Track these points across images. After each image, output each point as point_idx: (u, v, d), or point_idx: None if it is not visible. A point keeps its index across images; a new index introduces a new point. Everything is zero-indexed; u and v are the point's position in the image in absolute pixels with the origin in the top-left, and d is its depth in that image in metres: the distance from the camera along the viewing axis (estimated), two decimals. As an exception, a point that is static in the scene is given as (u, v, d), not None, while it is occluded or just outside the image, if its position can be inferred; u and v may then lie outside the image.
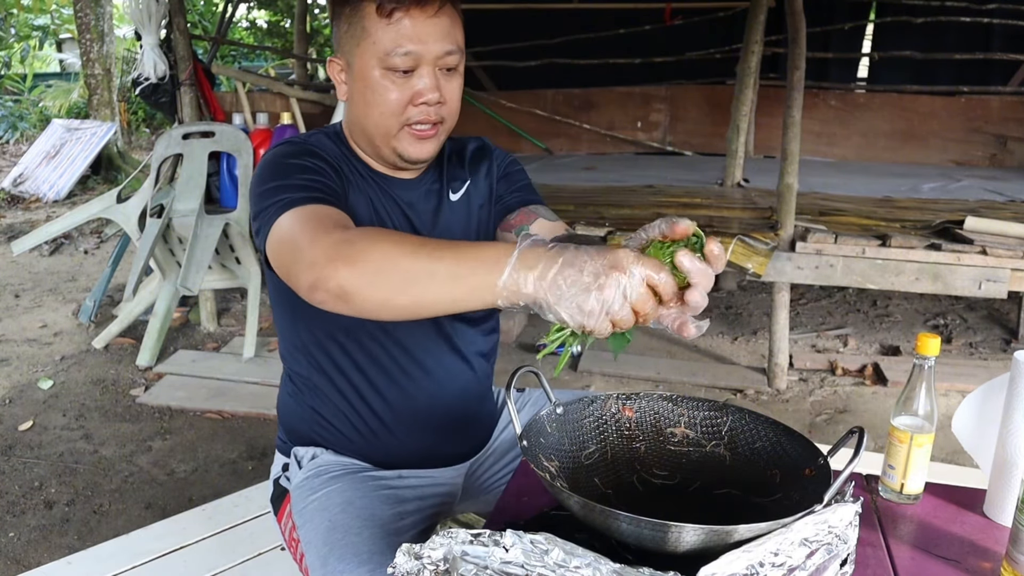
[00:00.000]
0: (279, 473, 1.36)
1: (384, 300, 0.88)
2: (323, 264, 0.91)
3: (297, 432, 1.34)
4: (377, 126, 1.14)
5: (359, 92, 1.14)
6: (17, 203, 6.75)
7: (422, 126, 1.14)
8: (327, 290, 0.90)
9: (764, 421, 1.04)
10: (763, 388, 3.26)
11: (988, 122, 5.44)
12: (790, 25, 3.32)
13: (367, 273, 0.88)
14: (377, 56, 1.09)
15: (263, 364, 3.44)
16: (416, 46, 1.09)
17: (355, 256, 0.90)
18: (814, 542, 0.81)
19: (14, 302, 4.34)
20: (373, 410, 1.28)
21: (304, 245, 0.96)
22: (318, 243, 0.95)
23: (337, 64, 1.17)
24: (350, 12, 1.11)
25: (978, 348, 3.72)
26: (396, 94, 1.11)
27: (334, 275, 0.89)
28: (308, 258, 0.94)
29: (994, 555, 1.00)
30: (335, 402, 1.29)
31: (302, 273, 0.94)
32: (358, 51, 1.11)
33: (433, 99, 1.12)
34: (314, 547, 1.18)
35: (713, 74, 5.77)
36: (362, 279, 0.88)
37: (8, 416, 3.01)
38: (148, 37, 3.64)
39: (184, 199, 3.45)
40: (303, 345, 1.28)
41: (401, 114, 1.13)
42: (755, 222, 3.36)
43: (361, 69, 1.11)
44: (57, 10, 10.89)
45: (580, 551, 0.76)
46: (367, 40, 1.09)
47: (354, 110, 1.17)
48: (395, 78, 1.10)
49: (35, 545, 2.25)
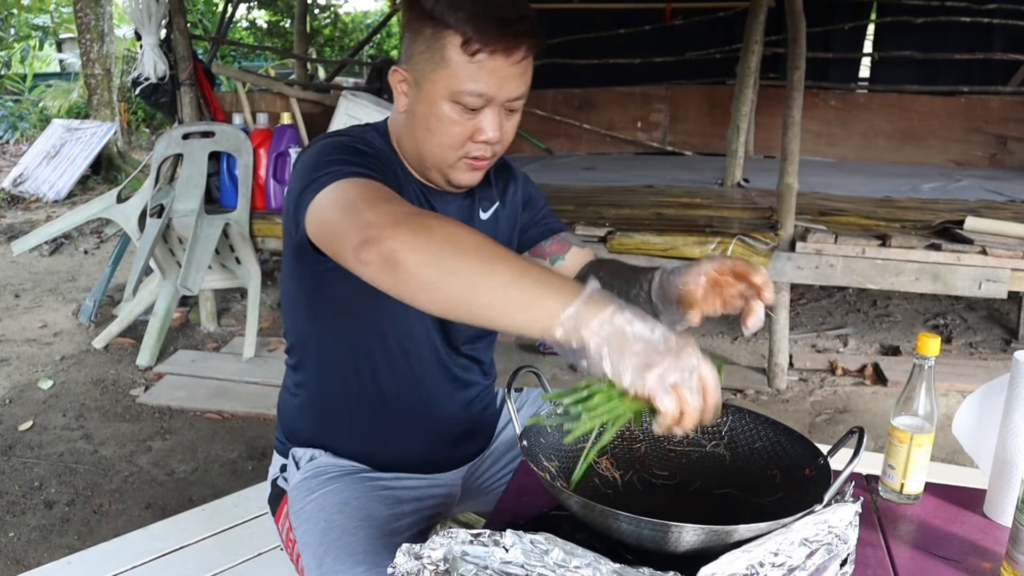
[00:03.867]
0: (277, 474, 1.36)
1: (432, 282, 0.83)
2: (382, 225, 0.86)
3: (297, 432, 1.34)
4: (433, 154, 1.12)
5: (422, 115, 1.10)
6: (17, 203, 6.75)
7: (477, 162, 1.14)
8: (379, 251, 0.84)
9: (764, 421, 1.04)
10: (763, 388, 3.26)
11: (988, 122, 5.43)
12: (790, 25, 3.31)
13: (428, 248, 0.83)
14: (451, 89, 1.06)
15: (263, 364, 3.44)
16: (491, 89, 1.06)
17: (420, 226, 0.86)
18: (814, 542, 0.81)
19: (14, 302, 4.34)
20: (379, 414, 1.27)
21: (362, 207, 0.91)
22: (380, 207, 0.90)
23: (401, 75, 1.12)
24: (432, 34, 1.05)
25: (978, 348, 3.72)
26: (459, 129, 1.09)
27: (392, 237, 0.84)
28: (366, 218, 0.89)
29: (994, 555, 1.00)
30: (341, 403, 1.28)
31: (353, 231, 0.88)
32: (432, 76, 1.07)
33: (494, 139, 1.10)
34: (310, 548, 1.18)
35: (713, 74, 5.77)
36: (420, 252, 0.83)
37: (8, 416, 3.01)
38: (148, 37, 3.64)
39: (184, 199, 3.45)
40: (316, 344, 1.26)
41: (460, 147, 1.11)
42: (755, 222, 3.36)
43: (430, 94, 1.08)
44: (57, 10, 10.89)
45: (580, 551, 0.76)
46: (444, 70, 1.05)
47: (412, 129, 1.13)
48: (461, 113, 1.08)
49: (35, 545, 2.25)
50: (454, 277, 0.82)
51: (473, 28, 1.02)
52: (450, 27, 1.03)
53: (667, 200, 3.86)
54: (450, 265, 0.82)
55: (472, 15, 1.02)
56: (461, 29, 1.02)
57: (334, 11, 10.37)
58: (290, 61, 8.68)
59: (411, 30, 1.09)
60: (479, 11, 1.02)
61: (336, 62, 7.84)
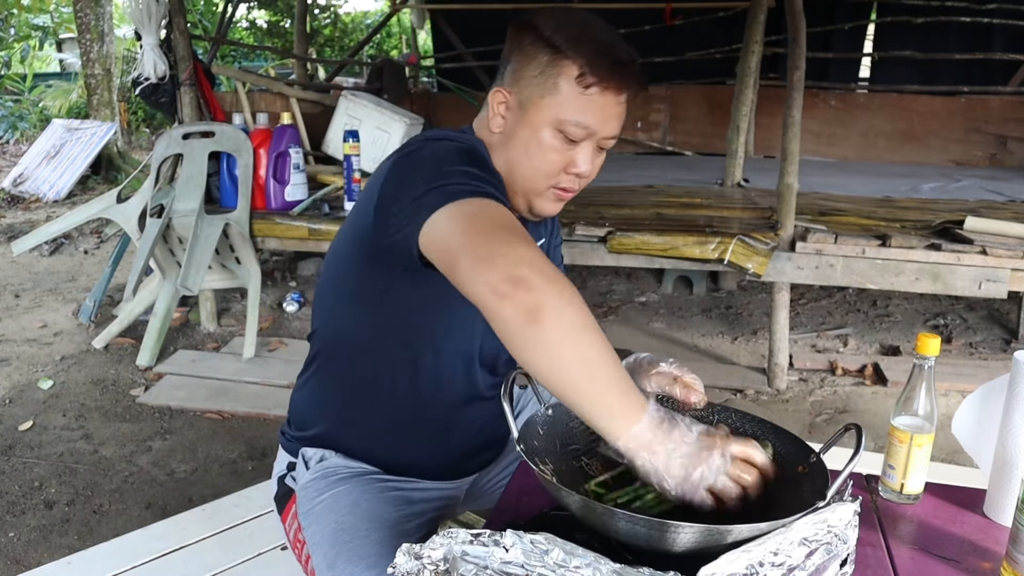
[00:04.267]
0: (283, 471, 1.35)
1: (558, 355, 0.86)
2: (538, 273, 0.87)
3: (309, 424, 1.32)
4: (526, 178, 1.13)
5: (522, 138, 1.11)
6: (17, 203, 6.75)
7: (564, 193, 1.16)
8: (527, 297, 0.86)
9: (752, 420, 1.04)
10: (763, 388, 3.26)
11: (988, 122, 5.44)
12: (790, 25, 3.31)
13: (572, 323, 0.86)
14: (557, 117, 1.08)
15: (263, 364, 3.44)
16: (595, 123, 1.08)
17: (572, 297, 0.88)
18: (813, 542, 0.81)
19: (14, 302, 4.34)
20: (403, 420, 1.26)
21: (517, 240, 0.91)
22: (527, 247, 0.90)
23: (503, 96, 1.13)
24: (548, 62, 1.07)
25: (978, 348, 3.72)
26: (556, 157, 1.11)
27: (547, 292, 0.86)
28: (517, 253, 0.89)
29: (994, 555, 1.00)
30: (367, 403, 1.26)
31: (501, 263, 0.88)
32: (540, 101, 1.09)
33: (585, 172, 1.13)
34: (321, 549, 1.18)
35: (713, 74, 5.77)
36: (563, 323, 0.86)
37: (8, 416, 3.01)
38: (148, 37, 3.64)
39: (184, 199, 3.45)
40: (357, 340, 1.22)
41: (553, 177, 1.13)
42: (755, 222, 3.36)
43: (535, 119, 1.09)
44: (57, 10, 10.88)
45: (580, 551, 0.76)
46: (555, 98, 1.07)
47: (507, 150, 1.14)
48: (562, 142, 1.10)
49: (35, 545, 2.25)
50: (576, 363, 0.86)
51: (591, 63, 1.05)
52: (569, 58, 1.06)
53: (667, 200, 3.87)
54: (580, 351, 0.86)
55: (593, 51, 1.06)
56: (579, 61, 1.05)
57: (334, 11, 10.37)
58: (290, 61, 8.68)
59: (524, 55, 1.10)
60: (600, 48, 1.06)
61: (336, 62, 7.85)
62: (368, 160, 4.16)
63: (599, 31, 1.09)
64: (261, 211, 3.55)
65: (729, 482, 0.86)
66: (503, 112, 1.13)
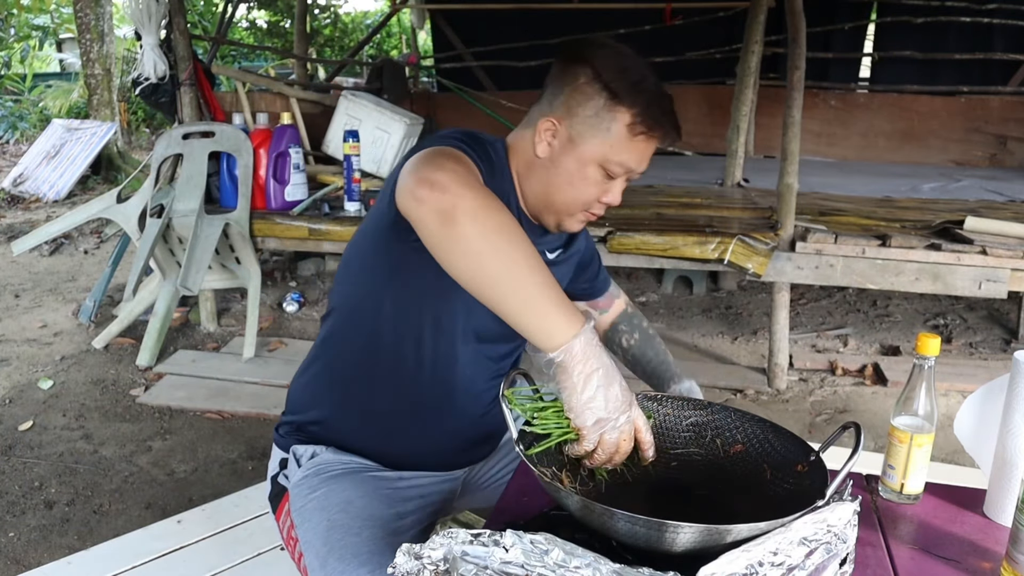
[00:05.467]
0: (276, 470, 1.35)
1: (477, 253, 0.91)
2: (454, 180, 0.94)
3: (310, 412, 1.32)
4: (564, 203, 1.21)
5: (567, 169, 1.18)
6: (17, 203, 6.75)
7: (594, 216, 1.25)
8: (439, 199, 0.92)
9: (750, 419, 1.04)
10: (763, 388, 3.26)
11: (988, 122, 5.44)
12: (790, 25, 3.31)
13: (487, 222, 0.92)
14: (605, 156, 1.16)
15: (263, 364, 3.44)
16: (635, 164, 1.18)
17: (487, 201, 0.94)
18: (813, 541, 0.81)
19: (14, 302, 4.34)
20: (404, 408, 1.27)
21: (444, 161, 0.99)
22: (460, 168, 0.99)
23: (553, 127, 1.18)
24: (604, 105, 1.14)
25: (978, 348, 3.72)
26: (595, 190, 1.19)
27: (460, 195, 0.92)
28: (443, 167, 0.96)
29: (994, 555, 1.00)
30: (370, 387, 1.26)
31: (426, 170, 0.95)
32: (590, 139, 1.16)
33: (615, 202, 1.22)
34: (313, 547, 1.18)
35: (713, 74, 5.78)
36: (478, 223, 0.91)
37: (8, 416, 3.01)
38: (148, 37, 3.64)
39: (184, 199, 3.45)
40: (369, 318, 1.24)
41: (588, 205, 1.22)
42: (755, 222, 3.36)
43: (583, 154, 1.17)
44: (57, 10, 10.88)
45: (580, 551, 0.76)
46: (606, 138, 1.15)
47: (548, 176, 1.20)
48: (603, 177, 1.18)
49: (35, 545, 2.25)
50: (497, 260, 0.91)
51: (644, 113, 1.14)
52: (625, 105, 1.14)
53: (667, 200, 3.87)
54: (499, 247, 0.91)
55: (646, 101, 1.14)
56: (634, 111, 1.14)
57: (334, 11, 10.37)
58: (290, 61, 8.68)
59: (581, 94, 1.16)
60: (652, 100, 1.15)
61: (336, 62, 7.84)
62: (368, 160, 4.16)
63: (652, 83, 1.17)
64: (261, 211, 3.55)
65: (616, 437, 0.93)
66: (550, 139, 1.19)
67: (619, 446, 0.94)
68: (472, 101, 5.70)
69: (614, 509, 0.81)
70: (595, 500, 0.84)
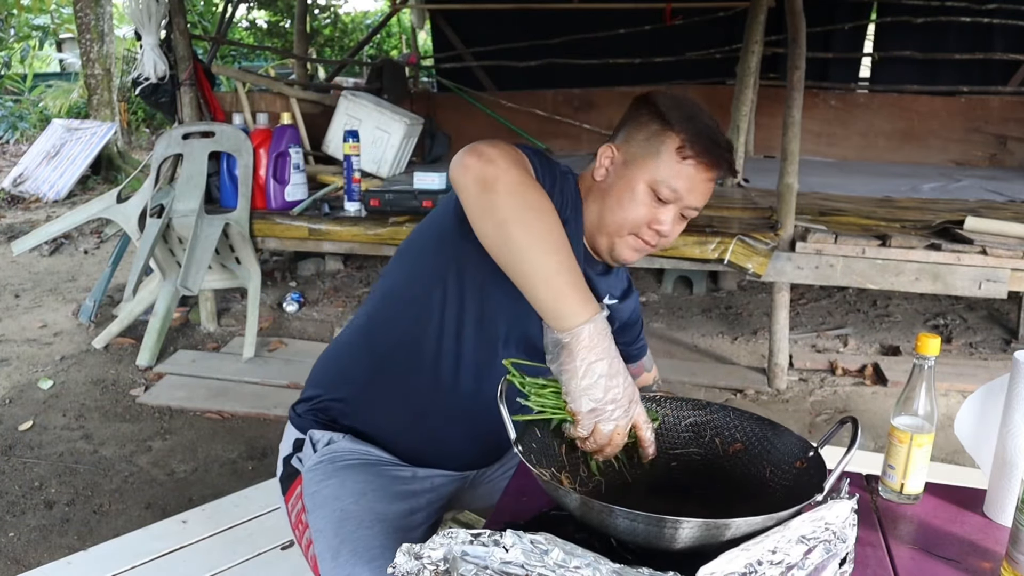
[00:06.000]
0: (290, 451, 1.36)
1: (507, 220, 0.98)
2: (502, 157, 1.02)
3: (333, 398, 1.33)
4: (615, 222, 1.25)
5: (619, 189, 1.24)
6: (17, 203, 6.75)
7: (643, 245, 1.27)
8: (484, 168, 1.00)
9: (749, 418, 1.04)
10: (763, 388, 3.26)
11: (988, 122, 5.44)
12: (790, 25, 3.31)
13: (524, 195, 0.99)
14: (653, 177, 1.21)
15: (263, 364, 3.44)
16: (684, 191, 1.21)
17: (528, 180, 1.02)
18: (811, 539, 0.81)
19: (14, 302, 4.34)
20: (435, 402, 1.27)
21: (501, 144, 1.06)
22: (513, 155, 1.06)
23: (611, 153, 1.27)
24: (656, 131, 1.22)
25: (978, 348, 3.72)
26: (644, 211, 1.23)
27: (505, 169, 1.00)
28: (499, 145, 1.05)
29: (994, 555, 1.00)
30: (400, 379, 1.27)
31: (481, 145, 1.03)
32: (641, 162, 1.22)
33: (665, 232, 1.25)
34: (325, 536, 1.19)
35: (713, 74, 5.77)
36: (515, 195, 0.99)
37: (8, 416, 3.01)
38: (148, 37, 3.64)
39: (184, 199, 3.45)
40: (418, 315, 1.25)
41: (637, 228, 1.25)
42: (755, 222, 3.36)
43: (633, 175, 1.23)
44: (57, 10, 10.88)
45: (580, 551, 0.76)
46: (654, 161, 1.21)
47: (605, 197, 1.26)
48: (652, 200, 1.23)
49: (35, 545, 2.25)
50: (523, 232, 0.97)
51: (692, 138, 1.20)
52: (674, 130, 1.20)
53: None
54: (527, 221, 0.98)
55: (696, 130, 1.20)
56: (683, 136, 1.20)
57: (334, 11, 10.36)
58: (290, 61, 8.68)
59: (637, 123, 1.25)
60: (702, 130, 1.21)
61: (336, 62, 7.84)
62: (368, 160, 4.16)
63: (706, 118, 1.23)
64: (261, 211, 3.55)
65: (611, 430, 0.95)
66: (607, 165, 1.27)
67: (612, 438, 0.96)
68: (472, 101, 5.70)
69: (613, 506, 0.81)
70: (595, 499, 0.84)
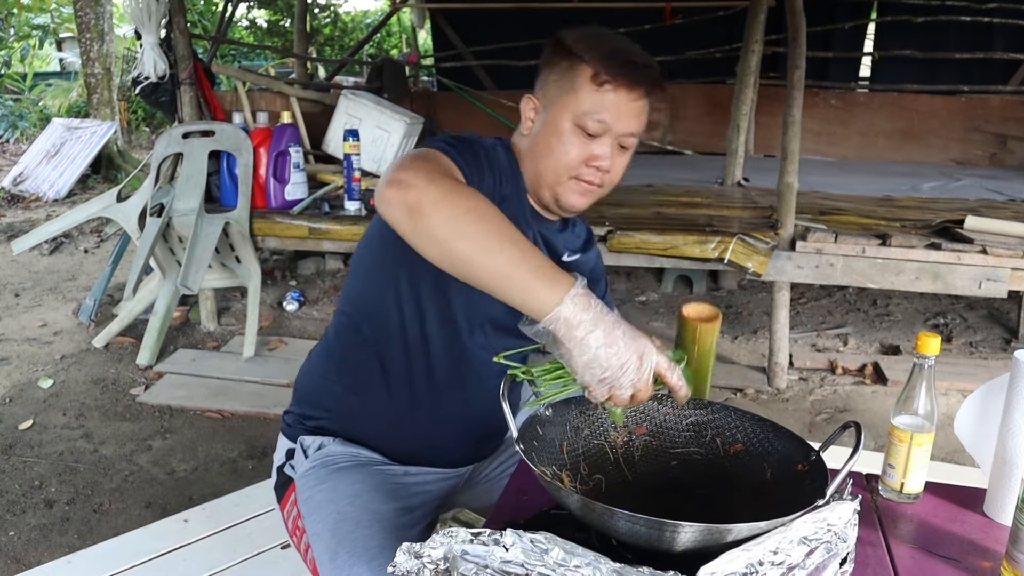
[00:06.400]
0: (283, 460, 1.36)
1: (444, 239, 0.93)
2: (418, 177, 0.96)
3: (317, 406, 1.33)
4: (550, 170, 1.21)
5: (545, 136, 1.21)
6: (17, 202, 6.74)
7: (587, 185, 1.22)
8: (404, 197, 0.94)
9: (750, 418, 1.04)
10: (763, 387, 3.26)
11: (988, 121, 5.44)
12: (790, 24, 3.31)
13: (451, 209, 0.93)
14: (575, 113, 1.17)
15: (263, 363, 3.44)
16: (610, 118, 1.17)
17: (452, 190, 0.96)
18: (813, 540, 0.81)
19: (14, 301, 4.34)
20: (417, 396, 1.27)
21: (414, 163, 1.01)
22: (428, 167, 1.00)
23: (533, 102, 1.24)
24: (567, 67, 1.18)
25: (978, 348, 3.72)
26: (577, 150, 1.19)
27: (423, 189, 0.94)
28: (412, 166, 0.99)
29: (994, 555, 1.00)
30: (377, 385, 1.27)
31: (394, 173, 0.97)
32: (560, 101, 1.18)
33: (604, 166, 1.20)
34: (322, 539, 1.19)
35: (713, 74, 5.77)
36: (443, 211, 0.93)
37: (8, 415, 3.01)
38: (148, 36, 3.64)
39: (184, 198, 3.45)
40: (379, 305, 1.26)
41: (574, 169, 1.20)
42: (755, 221, 3.36)
43: (556, 117, 1.19)
44: (57, 9, 10.88)
45: (580, 550, 0.76)
46: (573, 96, 1.17)
47: (534, 148, 1.23)
48: (581, 137, 1.18)
49: (35, 544, 2.25)
50: (465, 242, 0.92)
51: (604, 64, 1.16)
52: (584, 61, 1.16)
53: (667, 199, 3.86)
54: (465, 231, 0.93)
55: (606, 54, 1.16)
56: (594, 63, 1.16)
57: (334, 10, 10.36)
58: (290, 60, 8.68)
59: (549, 64, 1.22)
60: (612, 52, 1.17)
61: (336, 61, 7.84)
62: (368, 159, 4.16)
63: (616, 40, 1.20)
64: (261, 210, 3.55)
65: (630, 391, 0.90)
66: (532, 116, 1.24)
67: (636, 395, 0.91)
68: (472, 100, 5.70)
69: (614, 508, 0.81)
70: (595, 499, 0.84)
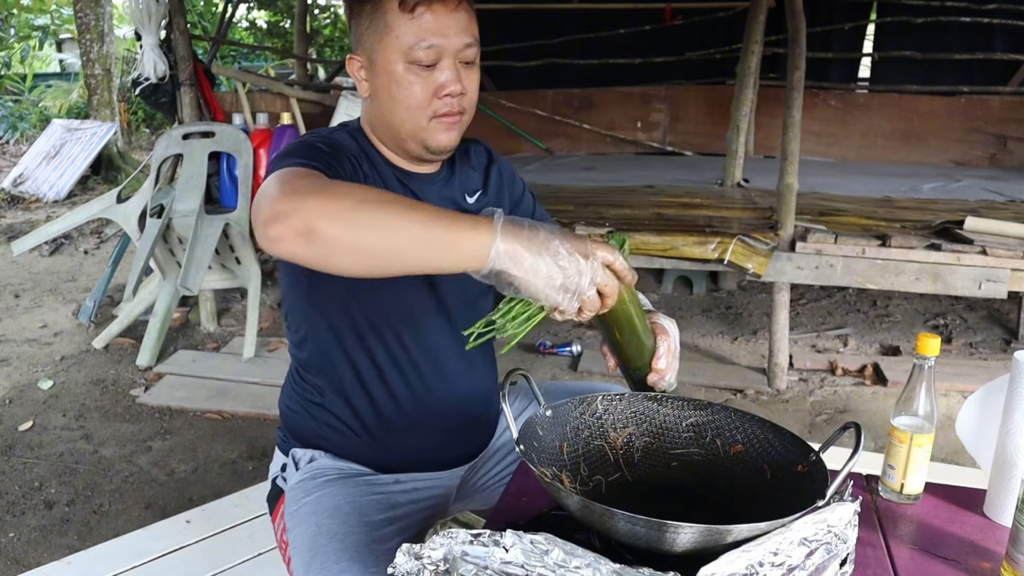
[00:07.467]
0: (277, 472, 1.35)
1: (354, 243, 0.85)
2: (289, 200, 0.87)
3: (298, 431, 1.33)
4: (404, 120, 1.15)
5: (383, 87, 1.14)
6: (17, 203, 6.75)
7: (449, 119, 1.15)
8: (289, 225, 0.85)
9: (750, 419, 1.04)
10: (763, 388, 3.26)
11: (988, 122, 5.43)
12: (790, 25, 3.31)
13: (342, 210, 0.85)
14: (400, 51, 1.10)
15: (263, 364, 3.44)
16: (438, 40, 1.10)
17: (330, 192, 0.88)
18: (813, 541, 0.81)
19: (14, 302, 4.34)
20: (381, 409, 1.27)
21: (274, 191, 0.91)
22: (292, 184, 0.91)
23: (357, 61, 1.17)
24: (371, 9, 1.11)
25: (978, 348, 3.72)
26: (420, 88, 1.12)
27: (303, 208, 0.85)
28: (274, 197, 0.89)
29: (994, 555, 1.00)
30: (343, 399, 1.27)
31: (263, 209, 0.88)
32: (380, 47, 1.11)
33: (456, 91, 1.13)
34: (299, 552, 1.17)
35: (713, 74, 5.77)
36: (335, 217, 0.85)
37: (8, 416, 3.01)
38: (148, 37, 3.64)
39: (184, 199, 3.45)
40: (316, 337, 1.26)
41: (427, 107, 1.13)
42: (755, 222, 3.36)
43: (384, 64, 1.12)
44: (57, 10, 10.88)
45: (580, 551, 0.76)
46: (390, 35, 1.10)
47: (378, 105, 1.17)
48: (419, 72, 1.11)
49: (35, 545, 2.25)
50: (375, 233, 0.85)
51: None
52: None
53: (667, 200, 3.86)
54: (368, 223, 0.85)
55: None
56: None
57: (334, 11, 10.36)
58: (290, 61, 8.68)
59: (355, 15, 1.15)
60: None
61: (336, 62, 7.83)
62: (368, 160, 4.15)
63: None
64: (261, 211, 3.55)
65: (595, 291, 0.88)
66: (363, 76, 1.17)
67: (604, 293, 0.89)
68: (472, 101, 5.70)
69: (614, 509, 0.81)
70: (595, 500, 0.84)
